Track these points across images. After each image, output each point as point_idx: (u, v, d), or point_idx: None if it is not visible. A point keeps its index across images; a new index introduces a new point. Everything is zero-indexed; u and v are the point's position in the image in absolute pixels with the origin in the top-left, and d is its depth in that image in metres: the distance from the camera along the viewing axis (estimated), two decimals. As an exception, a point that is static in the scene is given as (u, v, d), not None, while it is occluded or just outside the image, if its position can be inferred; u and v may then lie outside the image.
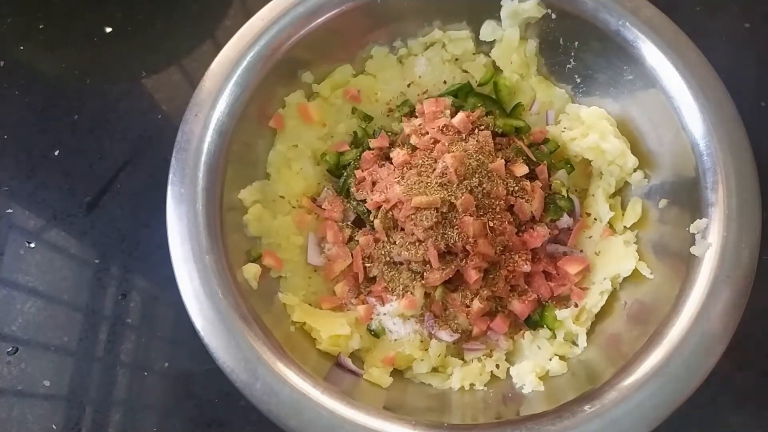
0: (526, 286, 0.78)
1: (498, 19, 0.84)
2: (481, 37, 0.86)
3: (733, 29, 0.98)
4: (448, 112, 0.82)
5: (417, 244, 0.74)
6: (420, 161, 0.77)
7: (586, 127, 0.80)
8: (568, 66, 0.85)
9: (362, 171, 0.82)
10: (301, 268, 0.80)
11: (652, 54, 0.76)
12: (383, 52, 0.88)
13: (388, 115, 0.88)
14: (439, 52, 0.87)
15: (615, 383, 0.64)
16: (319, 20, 0.81)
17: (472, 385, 0.74)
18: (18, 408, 0.81)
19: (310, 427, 0.63)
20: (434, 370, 0.76)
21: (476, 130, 0.80)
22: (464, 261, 0.74)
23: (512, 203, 0.77)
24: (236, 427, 0.79)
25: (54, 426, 0.80)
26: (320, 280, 0.81)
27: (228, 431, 0.79)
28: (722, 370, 0.64)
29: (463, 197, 0.73)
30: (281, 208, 0.81)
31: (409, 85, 0.88)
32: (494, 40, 0.86)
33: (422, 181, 0.75)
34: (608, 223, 0.80)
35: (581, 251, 0.81)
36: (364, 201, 0.80)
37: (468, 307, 0.75)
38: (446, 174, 0.74)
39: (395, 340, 0.77)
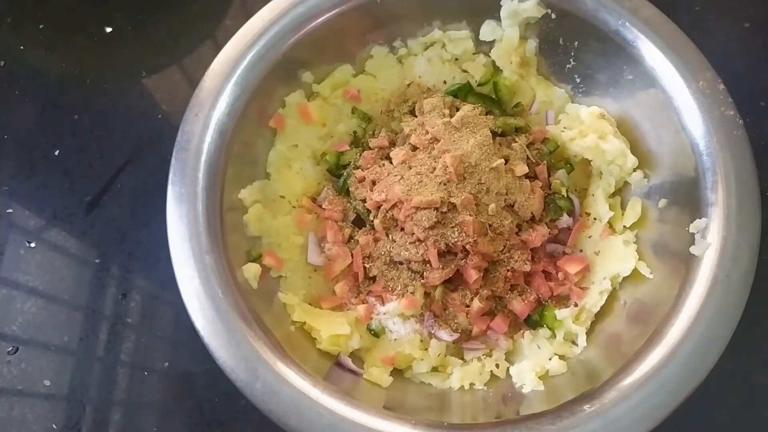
0: (526, 286, 0.78)
1: (498, 19, 0.84)
2: (481, 37, 0.86)
3: (733, 29, 0.98)
4: (447, 111, 0.82)
5: (417, 243, 0.74)
6: (420, 161, 0.77)
7: (586, 126, 0.80)
8: (567, 66, 0.85)
9: (362, 170, 0.82)
10: (301, 267, 0.80)
11: (651, 54, 0.76)
12: (383, 52, 0.88)
13: (388, 115, 0.88)
14: (439, 52, 0.87)
15: (614, 383, 0.65)
16: (319, 20, 0.81)
17: (471, 384, 0.74)
18: (18, 407, 0.81)
19: (310, 426, 0.63)
20: (434, 369, 0.76)
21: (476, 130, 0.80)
22: (464, 260, 0.74)
23: (512, 203, 0.77)
24: (236, 426, 0.79)
25: (54, 426, 0.80)
26: (320, 279, 0.81)
27: (228, 431, 0.79)
28: (721, 370, 0.64)
29: (462, 197, 0.73)
30: (281, 207, 0.82)
31: (409, 85, 0.88)
32: (494, 40, 0.86)
33: (422, 181, 0.75)
34: (608, 222, 0.80)
35: (581, 251, 0.81)
36: (364, 200, 0.80)
37: (468, 306, 0.75)
38: (446, 173, 0.74)
39: (395, 339, 0.77)
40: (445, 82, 0.88)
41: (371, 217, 0.80)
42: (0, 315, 0.86)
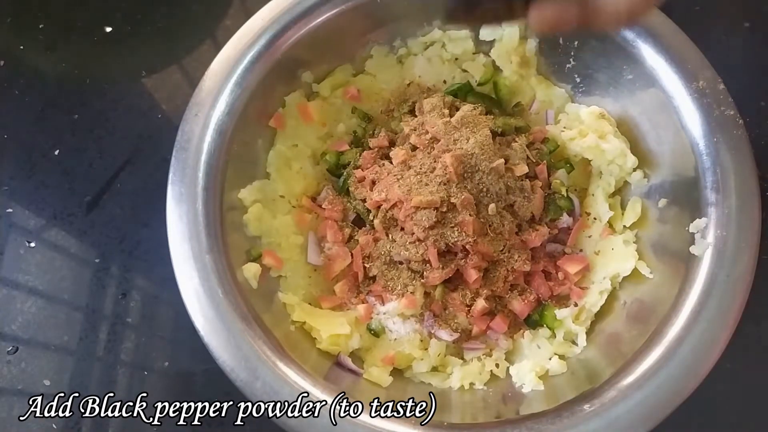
0: (526, 286, 0.78)
1: (498, 18, 0.84)
2: (481, 37, 0.86)
3: (733, 29, 0.98)
4: (447, 111, 0.82)
5: (417, 243, 0.74)
6: (420, 161, 0.77)
7: (586, 126, 0.80)
8: (567, 66, 0.85)
9: (362, 170, 0.82)
10: (301, 267, 0.80)
11: (651, 54, 0.76)
12: (383, 52, 0.88)
13: (388, 115, 0.88)
14: (439, 52, 0.87)
15: (614, 382, 0.65)
16: (319, 20, 0.81)
17: (471, 384, 0.74)
18: (18, 407, 0.81)
19: (310, 426, 0.63)
20: (434, 369, 0.76)
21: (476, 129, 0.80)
22: (464, 260, 0.74)
23: (512, 203, 0.77)
24: (236, 426, 0.79)
25: (54, 426, 0.80)
26: (320, 279, 0.81)
27: (228, 431, 0.79)
28: (721, 370, 0.64)
29: (462, 197, 0.73)
30: (281, 207, 0.82)
31: (408, 85, 0.88)
32: (494, 40, 0.86)
33: (422, 181, 0.75)
34: (608, 222, 0.80)
35: (581, 251, 0.81)
36: (364, 200, 0.80)
37: (468, 306, 0.75)
38: (446, 173, 0.74)
39: (395, 339, 0.77)
40: (445, 81, 0.88)
41: (371, 217, 0.80)
42: (0, 315, 0.86)
